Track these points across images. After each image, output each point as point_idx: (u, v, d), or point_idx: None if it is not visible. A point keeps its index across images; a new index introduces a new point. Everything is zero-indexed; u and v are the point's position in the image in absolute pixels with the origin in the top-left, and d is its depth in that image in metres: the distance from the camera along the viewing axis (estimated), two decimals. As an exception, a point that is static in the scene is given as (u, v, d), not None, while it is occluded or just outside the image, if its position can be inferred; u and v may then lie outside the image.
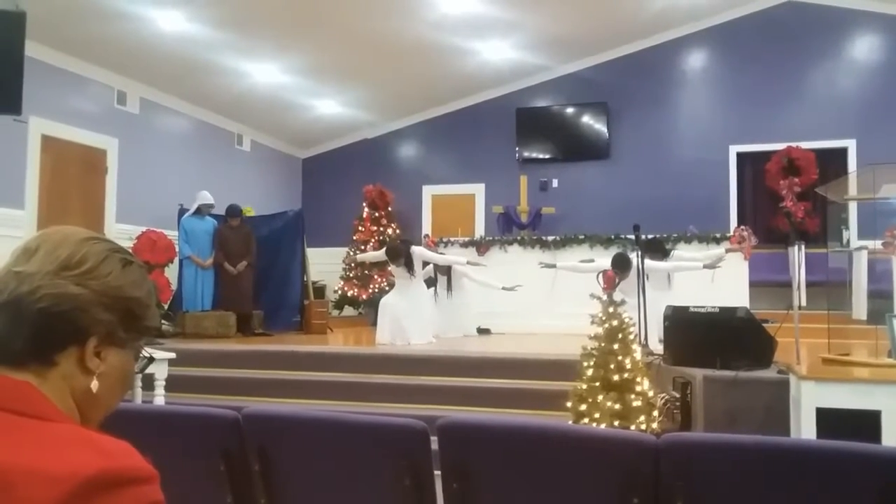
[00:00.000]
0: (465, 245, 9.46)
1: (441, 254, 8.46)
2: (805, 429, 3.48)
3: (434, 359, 6.12)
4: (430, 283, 8.16)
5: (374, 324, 7.54)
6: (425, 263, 7.75)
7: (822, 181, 8.66)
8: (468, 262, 8.00)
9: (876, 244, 7.42)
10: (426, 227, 11.18)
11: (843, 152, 9.60)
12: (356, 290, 10.83)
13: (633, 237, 6.61)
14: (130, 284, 0.96)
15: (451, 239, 9.59)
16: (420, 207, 11.59)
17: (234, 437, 2.18)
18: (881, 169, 4.48)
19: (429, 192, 11.62)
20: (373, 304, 9.03)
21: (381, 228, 11.00)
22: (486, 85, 11.04)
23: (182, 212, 8.75)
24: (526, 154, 11.09)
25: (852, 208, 9.03)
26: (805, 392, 3.52)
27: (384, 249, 7.69)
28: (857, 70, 9.88)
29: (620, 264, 6.59)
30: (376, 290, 10.28)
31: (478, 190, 11.35)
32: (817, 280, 7.95)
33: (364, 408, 5.21)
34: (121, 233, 8.14)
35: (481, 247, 9.39)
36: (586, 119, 10.97)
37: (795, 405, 3.74)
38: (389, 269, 7.67)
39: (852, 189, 6.81)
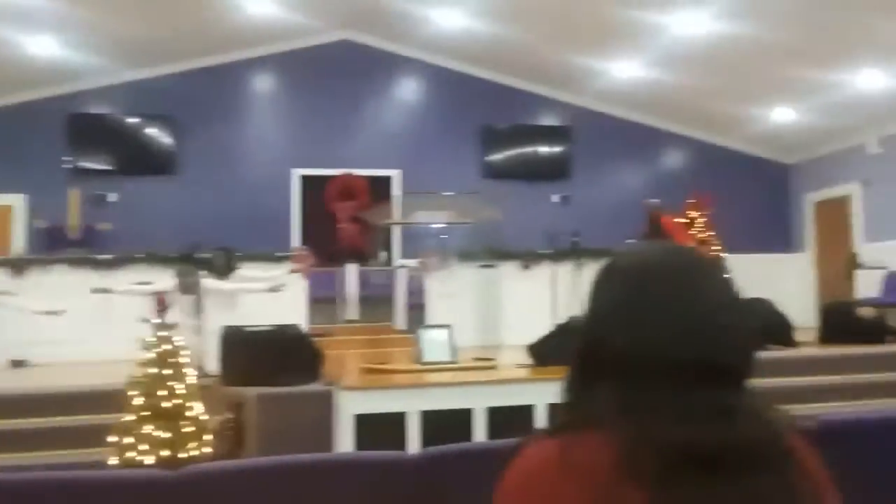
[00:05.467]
0: (-3, 265, 8.12)
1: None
2: (344, 437, 3.75)
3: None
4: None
5: None
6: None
7: (373, 205, 9.60)
8: None
9: (413, 263, 8.50)
10: (-54, 243, 9.33)
11: (389, 180, 10.75)
12: None
13: (199, 256, 6.46)
14: None
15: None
16: (-62, 219, 9.63)
17: None
18: (412, 198, 5.11)
19: (-49, 201, 9.73)
20: None
21: None
22: (32, 83, 9.72)
23: None
24: (80, 164, 10.03)
25: (396, 230, 10.18)
26: (343, 401, 3.79)
27: None
28: (402, 108, 11.18)
29: (184, 273, 6.33)
30: None
31: (16, 201, 9.87)
32: (371, 294, 8.77)
33: None
34: None
35: (16, 266, 8.15)
36: (152, 131, 10.39)
37: (337, 415, 4.02)
38: None
39: (395, 214, 7.70)
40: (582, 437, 0.84)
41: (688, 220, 10.60)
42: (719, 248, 10.27)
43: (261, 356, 4.67)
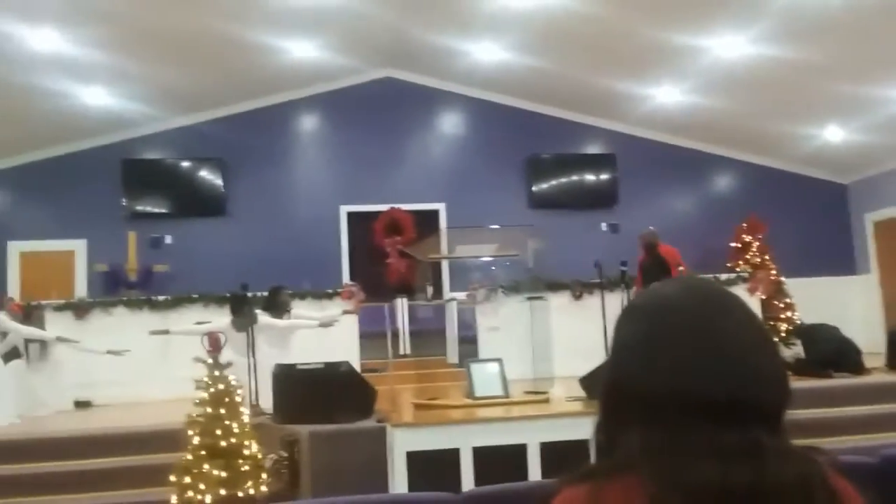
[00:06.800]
0: (59, 308, 8.39)
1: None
2: (398, 474, 3.73)
3: (11, 444, 5.24)
4: (13, 354, 7.02)
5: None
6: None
7: (419, 239, 9.65)
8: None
9: (462, 296, 8.49)
10: (12, 289, 9.68)
11: (435, 214, 10.80)
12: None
13: (251, 295, 6.54)
14: None
15: (43, 302, 8.44)
16: (4, 266, 10.03)
17: None
18: (455, 232, 5.12)
19: (16, 248, 10.13)
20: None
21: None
22: (89, 132, 10.11)
23: None
24: (136, 208, 10.35)
25: (445, 264, 10.19)
26: (396, 438, 3.78)
27: None
28: (446, 142, 11.27)
29: (239, 312, 6.40)
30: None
31: (78, 246, 10.22)
32: (422, 329, 8.76)
33: None
34: None
35: (79, 310, 8.42)
36: (202, 174, 10.68)
37: (390, 452, 4.00)
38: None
39: (442, 248, 7.72)
40: (611, 482, 0.82)
41: (741, 245, 10.38)
42: (776, 272, 10.01)
43: (313, 394, 4.69)
